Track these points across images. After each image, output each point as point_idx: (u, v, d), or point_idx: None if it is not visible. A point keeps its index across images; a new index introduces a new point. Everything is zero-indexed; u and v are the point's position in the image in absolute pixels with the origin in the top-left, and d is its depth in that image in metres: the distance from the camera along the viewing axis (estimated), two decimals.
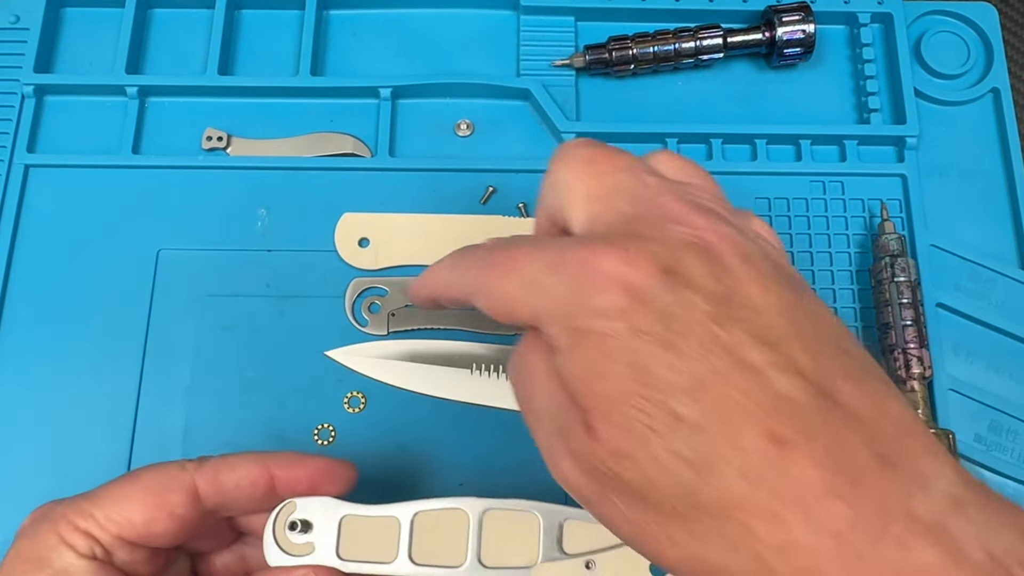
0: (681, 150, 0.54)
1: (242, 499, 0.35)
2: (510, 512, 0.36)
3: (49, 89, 0.55)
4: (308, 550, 0.35)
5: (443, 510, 0.36)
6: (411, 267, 0.51)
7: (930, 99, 0.56)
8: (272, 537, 0.35)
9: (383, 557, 0.35)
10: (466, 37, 0.57)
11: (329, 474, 0.36)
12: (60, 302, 0.50)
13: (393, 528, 0.35)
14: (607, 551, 0.35)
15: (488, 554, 0.35)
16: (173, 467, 0.35)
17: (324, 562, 0.35)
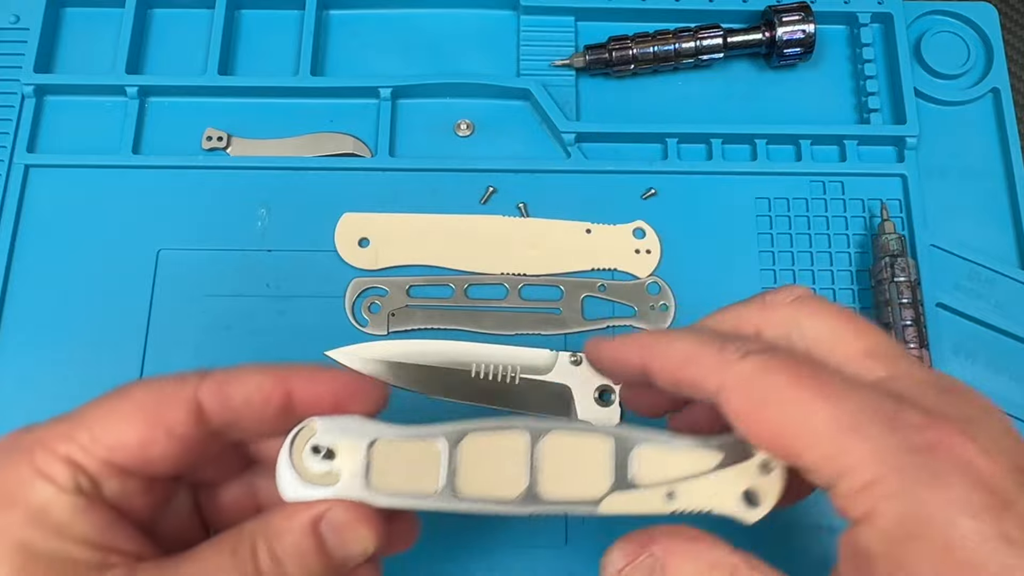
0: (681, 150, 0.54)
1: (253, 417, 0.30)
2: (574, 435, 0.30)
3: (49, 89, 0.55)
4: (331, 480, 0.29)
5: (494, 432, 0.30)
6: (411, 267, 0.51)
7: (930, 99, 0.56)
8: (288, 463, 0.29)
9: (421, 488, 0.30)
10: (466, 37, 0.57)
11: (357, 391, 0.31)
12: (60, 302, 0.50)
13: (433, 454, 0.30)
14: (689, 480, 0.29)
15: (547, 485, 0.29)
16: (171, 380, 0.29)
17: (350, 495, 0.29)
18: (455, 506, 0.29)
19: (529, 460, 0.30)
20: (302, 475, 0.29)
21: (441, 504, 0.29)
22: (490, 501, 0.29)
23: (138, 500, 0.29)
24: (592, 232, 0.52)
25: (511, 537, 0.46)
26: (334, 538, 0.29)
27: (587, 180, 0.53)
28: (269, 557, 0.28)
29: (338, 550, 0.29)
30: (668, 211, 0.53)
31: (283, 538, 0.28)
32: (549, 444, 0.30)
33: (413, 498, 0.29)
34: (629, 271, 0.51)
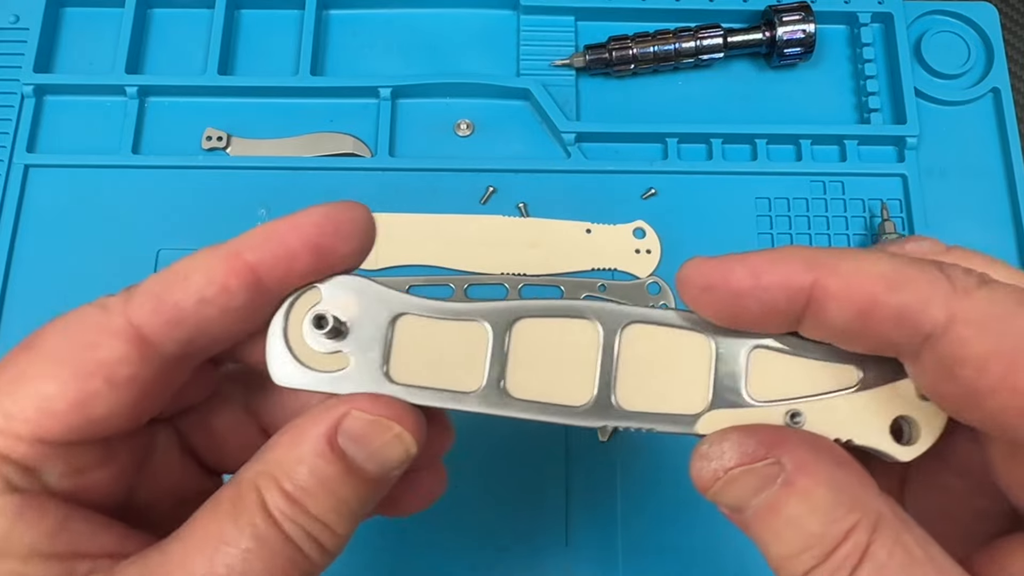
0: (681, 150, 0.54)
1: (217, 318, 0.22)
2: (663, 330, 0.23)
3: (49, 89, 0.55)
4: (338, 364, 0.23)
5: (557, 318, 0.23)
6: (411, 267, 0.51)
7: (930, 99, 0.56)
8: (282, 339, 0.23)
9: (459, 383, 0.23)
10: (466, 37, 0.57)
11: (336, 224, 0.23)
12: (60, 302, 0.50)
13: (477, 340, 0.23)
14: (821, 399, 0.23)
15: (627, 391, 0.23)
16: (88, 311, 0.22)
17: (363, 386, 0.23)
18: (503, 409, 0.23)
19: (601, 356, 0.23)
20: (299, 356, 0.23)
21: (485, 406, 0.23)
22: (549, 407, 0.23)
23: (99, 476, 0.23)
24: (592, 232, 0.52)
25: (511, 537, 0.46)
26: (361, 451, 0.22)
27: (587, 180, 0.53)
28: (285, 503, 0.21)
29: (371, 464, 0.22)
30: (668, 211, 0.52)
31: (295, 472, 0.21)
32: (630, 338, 0.23)
33: (448, 395, 0.23)
34: (629, 271, 0.51)
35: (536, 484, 0.47)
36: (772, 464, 0.20)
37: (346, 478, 0.22)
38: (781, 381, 0.23)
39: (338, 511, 0.21)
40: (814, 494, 0.20)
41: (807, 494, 0.20)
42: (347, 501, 0.22)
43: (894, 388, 0.22)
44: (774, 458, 0.20)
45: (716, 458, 0.21)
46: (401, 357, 0.23)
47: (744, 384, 0.23)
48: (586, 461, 0.47)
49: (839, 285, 0.20)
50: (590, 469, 0.47)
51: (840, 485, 0.20)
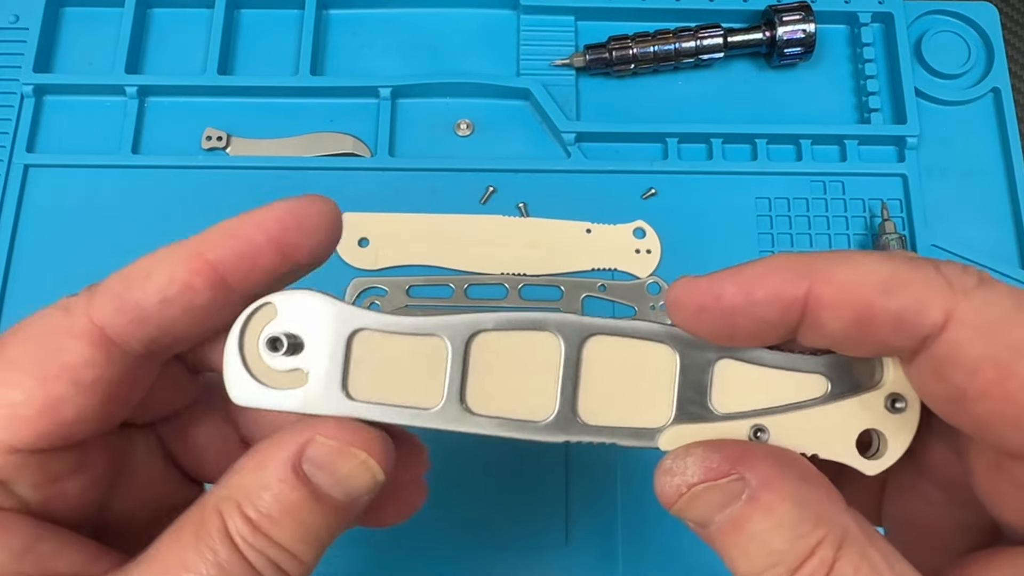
0: (681, 150, 0.54)
1: (181, 316, 0.22)
2: (627, 342, 0.23)
3: (48, 89, 0.54)
4: (296, 382, 0.22)
5: (517, 331, 0.23)
6: (411, 267, 0.51)
7: (931, 99, 0.56)
8: (238, 358, 0.22)
9: (419, 399, 0.23)
10: (466, 37, 0.57)
11: (299, 219, 0.22)
12: None
13: (436, 355, 0.23)
14: (787, 413, 0.22)
15: (590, 405, 0.23)
16: (50, 313, 0.23)
17: (322, 405, 0.22)
18: (463, 426, 0.22)
19: (563, 370, 0.22)
20: (257, 374, 0.22)
21: (446, 422, 0.22)
22: (511, 423, 0.22)
23: (74, 485, 0.22)
24: (592, 232, 0.52)
25: (511, 537, 0.46)
26: (327, 478, 0.21)
27: (587, 180, 0.53)
28: (248, 529, 0.20)
29: (337, 491, 0.21)
30: (668, 211, 0.52)
31: (259, 498, 0.20)
32: (593, 350, 0.23)
33: (409, 411, 0.22)
34: (629, 271, 0.51)
35: (536, 484, 0.47)
36: (736, 480, 0.20)
37: (312, 505, 0.21)
38: (747, 392, 0.23)
39: (304, 539, 0.21)
40: (779, 510, 0.19)
41: (771, 510, 0.19)
42: (313, 529, 0.21)
43: (862, 400, 0.22)
44: (738, 474, 0.20)
45: (679, 473, 0.21)
46: (360, 373, 0.23)
47: (709, 396, 0.23)
48: (586, 461, 0.47)
49: (834, 293, 0.20)
50: (590, 469, 0.47)
51: (805, 500, 0.20)
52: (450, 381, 0.23)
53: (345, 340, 0.23)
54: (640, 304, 0.50)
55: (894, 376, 0.22)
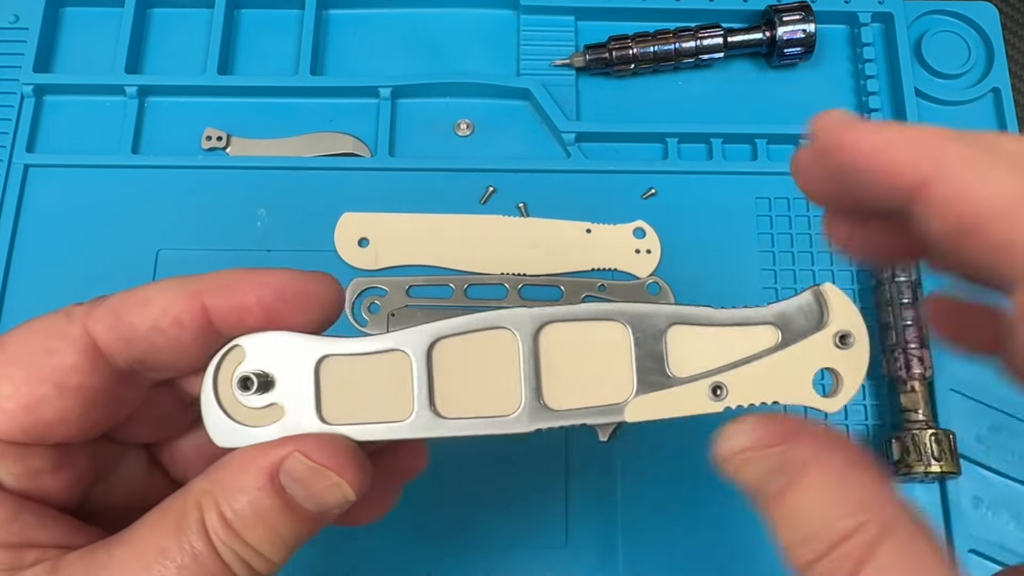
0: (681, 150, 0.54)
1: (167, 347, 0.23)
2: (580, 325, 0.24)
3: (48, 89, 0.54)
4: (273, 417, 0.23)
5: (473, 333, 0.23)
6: (411, 267, 0.51)
7: (931, 99, 0.56)
8: (214, 401, 0.23)
9: (392, 413, 0.23)
10: (466, 37, 0.57)
11: (295, 293, 0.24)
12: (60, 302, 0.50)
13: (402, 368, 0.23)
14: (743, 366, 0.23)
15: (555, 392, 0.23)
16: (54, 317, 0.23)
17: (303, 428, 0.23)
18: (438, 431, 0.23)
19: (522, 362, 0.23)
20: (234, 415, 0.23)
21: (420, 430, 0.23)
22: (483, 421, 0.23)
23: (54, 480, 0.23)
24: (592, 232, 0.52)
25: (511, 537, 0.46)
26: (300, 491, 0.22)
27: (587, 180, 0.53)
28: (222, 527, 0.22)
29: (309, 503, 0.22)
30: (668, 211, 0.52)
31: (235, 499, 0.22)
32: (548, 339, 0.23)
33: (383, 426, 0.23)
34: (629, 271, 0.51)
35: (536, 484, 0.47)
36: (784, 452, 0.21)
37: (283, 513, 0.22)
38: (702, 354, 0.24)
39: (272, 542, 0.22)
40: (821, 487, 0.20)
41: (814, 486, 0.20)
42: (282, 534, 0.22)
43: (811, 342, 0.23)
44: (786, 447, 0.21)
45: (729, 439, 0.22)
46: (331, 398, 0.24)
47: (666, 363, 0.24)
48: (586, 461, 0.47)
49: (949, 195, 0.18)
50: (590, 469, 0.47)
51: (850, 483, 0.20)
52: (418, 391, 0.23)
53: (312, 369, 0.24)
54: (641, 302, 0.50)
55: (840, 314, 0.23)
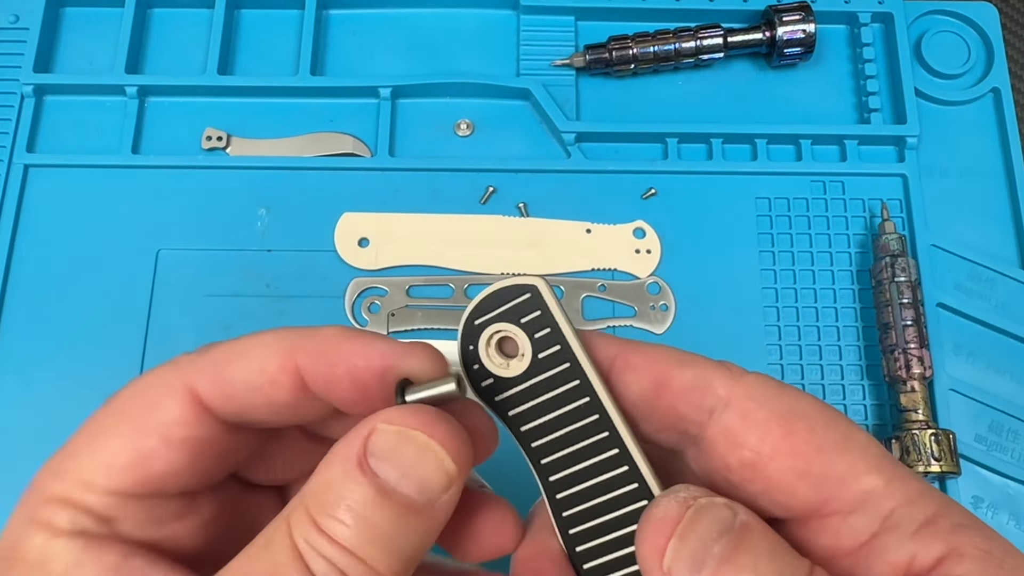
0: (681, 150, 0.54)
1: (263, 406, 0.22)
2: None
3: (49, 89, 0.55)
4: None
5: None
6: (411, 267, 0.51)
7: (931, 99, 0.56)
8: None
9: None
10: (466, 37, 0.57)
11: (386, 369, 0.22)
12: (60, 302, 0.50)
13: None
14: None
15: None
16: (164, 368, 0.23)
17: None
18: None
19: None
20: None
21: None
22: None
23: (179, 528, 0.23)
24: (592, 232, 0.52)
25: None
26: (393, 470, 0.20)
27: (587, 180, 0.53)
28: (313, 533, 0.19)
29: (406, 485, 0.20)
30: (668, 211, 0.52)
31: (324, 498, 0.20)
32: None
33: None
34: (629, 271, 0.51)
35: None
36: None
37: (381, 502, 0.19)
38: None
39: (375, 542, 0.19)
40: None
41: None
42: (384, 530, 0.19)
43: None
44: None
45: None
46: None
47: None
48: None
49: (640, 359, 0.23)
50: None
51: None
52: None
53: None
54: (640, 304, 0.50)
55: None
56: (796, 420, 0.21)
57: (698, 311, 0.51)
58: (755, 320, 0.51)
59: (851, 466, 0.21)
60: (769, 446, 0.21)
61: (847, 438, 0.21)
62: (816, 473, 0.21)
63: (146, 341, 0.49)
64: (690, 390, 0.22)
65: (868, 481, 0.21)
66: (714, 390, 0.22)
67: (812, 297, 0.51)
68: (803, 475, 0.21)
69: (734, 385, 0.22)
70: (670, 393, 0.22)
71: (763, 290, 0.51)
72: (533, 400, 0.23)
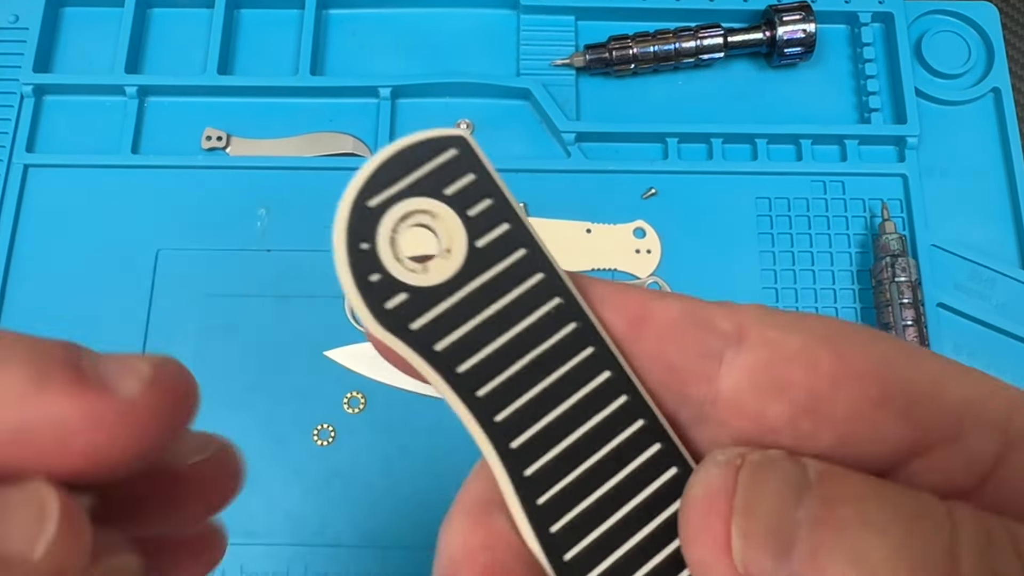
0: (681, 150, 0.54)
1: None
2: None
3: (48, 89, 0.54)
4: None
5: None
6: None
7: (931, 99, 0.56)
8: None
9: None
10: (466, 36, 0.57)
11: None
12: (59, 302, 0.50)
13: None
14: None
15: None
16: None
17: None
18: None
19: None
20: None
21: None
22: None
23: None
24: (592, 232, 0.52)
25: None
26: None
27: (587, 180, 0.53)
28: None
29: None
30: (668, 211, 0.52)
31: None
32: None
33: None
34: (629, 271, 0.51)
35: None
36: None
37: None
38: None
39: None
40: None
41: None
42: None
43: None
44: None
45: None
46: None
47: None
48: None
49: (605, 288, 0.18)
50: None
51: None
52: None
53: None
54: None
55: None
56: (839, 340, 0.15)
57: None
58: None
59: (935, 376, 0.15)
60: (826, 376, 0.15)
61: (902, 346, 0.16)
62: (899, 394, 0.15)
63: (146, 341, 0.49)
64: (682, 328, 0.16)
65: (962, 389, 0.15)
66: (715, 324, 0.16)
67: (812, 297, 0.51)
68: (882, 402, 0.15)
69: (740, 314, 0.16)
70: (653, 334, 0.16)
71: (763, 290, 0.51)
72: (474, 319, 0.15)
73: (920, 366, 0.15)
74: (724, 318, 0.16)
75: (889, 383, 0.15)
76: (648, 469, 0.15)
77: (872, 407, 0.15)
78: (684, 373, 0.16)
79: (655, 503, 0.15)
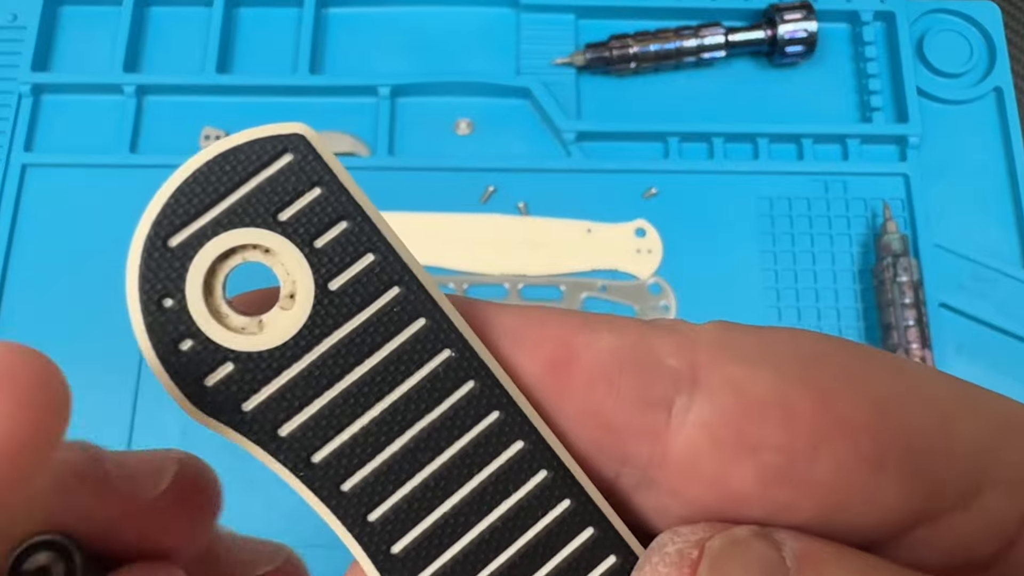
0: (682, 149, 0.53)
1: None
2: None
3: (46, 88, 0.54)
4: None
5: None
6: None
7: (933, 98, 0.55)
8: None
9: None
10: (466, 35, 0.56)
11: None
12: (57, 302, 0.50)
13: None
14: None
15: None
16: None
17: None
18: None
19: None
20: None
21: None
22: None
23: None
24: (593, 232, 0.52)
25: None
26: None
27: (588, 179, 0.53)
28: None
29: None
30: (669, 210, 0.52)
31: None
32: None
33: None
34: (630, 271, 0.51)
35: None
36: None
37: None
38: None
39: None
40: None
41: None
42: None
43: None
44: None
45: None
46: None
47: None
48: None
49: (515, 320, 0.13)
50: None
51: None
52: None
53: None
54: (641, 304, 0.50)
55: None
56: (819, 375, 0.12)
57: (700, 312, 0.50)
58: (757, 320, 0.50)
59: (941, 415, 0.12)
60: (806, 430, 0.12)
61: (898, 373, 0.12)
62: (898, 447, 0.12)
63: None
64: (618, 372, 0.12)
65: (976, 430, 0.12)
66: (660, 362, 0.12)
67: (814, 297, 0.51)
68: (878, 460, 0.12)
69: (693, 344, 0.12)
70: (581, 383, 0.12)
71: (765, 290, 0.51)
72: (330, 391, 0.12)
73: (922, 402, 0.12)
74: (672, 353, 0.12)
75: (885, 434, 0.12)
76: (580, 560, 0.12)
77: (865, 467, 0.11)
78: (622, 432, 0.12)
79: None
